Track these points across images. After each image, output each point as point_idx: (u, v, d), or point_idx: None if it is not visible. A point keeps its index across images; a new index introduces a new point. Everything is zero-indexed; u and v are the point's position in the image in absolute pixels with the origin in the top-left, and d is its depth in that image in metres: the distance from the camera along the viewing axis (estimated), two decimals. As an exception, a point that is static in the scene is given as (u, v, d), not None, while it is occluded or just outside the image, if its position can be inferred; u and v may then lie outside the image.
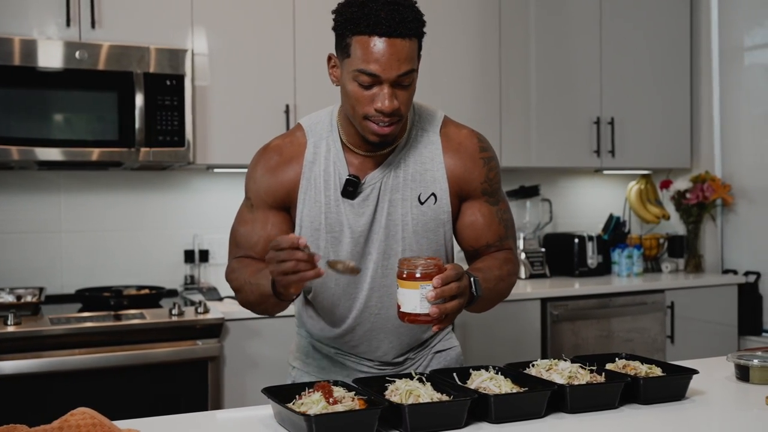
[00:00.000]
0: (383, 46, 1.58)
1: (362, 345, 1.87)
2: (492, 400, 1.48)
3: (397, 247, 1.77)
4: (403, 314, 1.53)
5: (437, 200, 1.78)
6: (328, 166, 1.77)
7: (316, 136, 1.79)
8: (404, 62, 1.60)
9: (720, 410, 1.64)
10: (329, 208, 1.76)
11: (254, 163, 1.85)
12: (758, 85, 4.35)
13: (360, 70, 1.61)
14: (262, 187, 1.80)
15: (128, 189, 3.56)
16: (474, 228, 1.83)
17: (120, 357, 2.86)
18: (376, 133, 1.66)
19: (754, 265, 4.33)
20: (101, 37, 3.13)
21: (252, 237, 1.81)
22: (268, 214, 1.80)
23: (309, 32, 3.51)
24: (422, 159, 1.78)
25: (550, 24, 4.08)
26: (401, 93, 1.64)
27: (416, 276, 1.50)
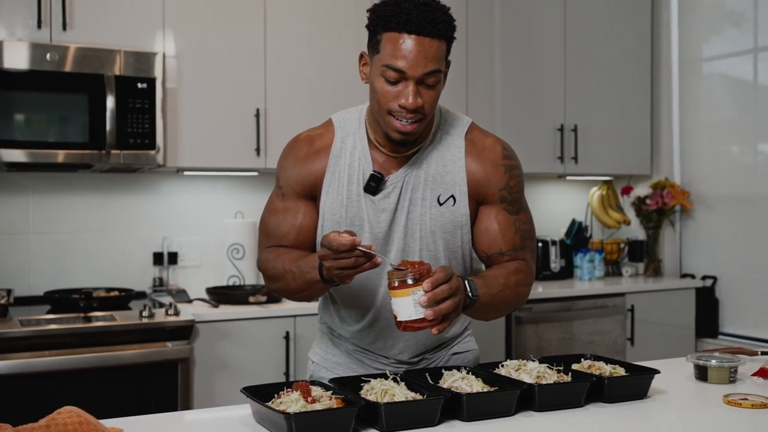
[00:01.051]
0: (411, 43, 1.63)
1: (379, 342, 1.91)
2: (464, 399, 1.54)
3: (415, 246, 1.81)
4: (400, 323, 1.55)
5: (456, 202, 1.81)
6: (353, 161, 1.82)
7: (344, 131, 1.85)
8: (431, 61, 1.65)
9: (680, 408, 1.72)
10: (350, 202, 1.81)
11: (285, 153, 1.90)
12: (715, 95, 4.49)
13: (387, 65, 1.66)
14: (292, 177, 1.85)
15: (97, 191, 3.56)
16: (488, 234, 1.83)
17: (90, 359, 2.87)
18: (399, 129, 1.70)
19: (711, 270, 4.46)
20: (72, 39, 3.14)
21: (283, 226, 1.86)
22: (299, 203, 1.85)
23: (280, 37, 3.54)
24: (444, 161, 1.82)
25: (516, 34, 4.16)
26: (426, 92, 1.68)
27: (407, 283, 1.52)
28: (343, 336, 1.97)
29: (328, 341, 2.02)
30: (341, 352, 1.99)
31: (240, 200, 3.81)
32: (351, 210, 1.81)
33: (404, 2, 1.66)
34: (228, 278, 3.68)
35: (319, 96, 3.62)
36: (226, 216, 3.77)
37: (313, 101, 3.61)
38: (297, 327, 3.28)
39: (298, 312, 3.28)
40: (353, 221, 1.80)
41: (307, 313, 3.26)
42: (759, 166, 4.26)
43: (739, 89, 4.37)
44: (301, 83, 3.59)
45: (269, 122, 3.52)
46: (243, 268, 3.65)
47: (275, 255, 1.83)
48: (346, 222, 1.81)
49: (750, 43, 4.28)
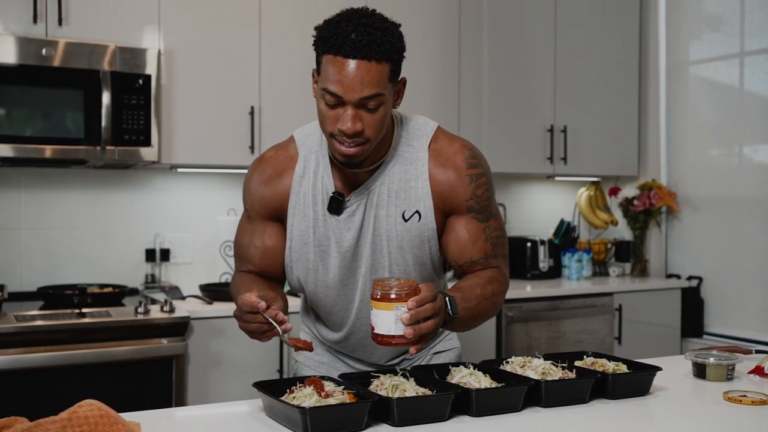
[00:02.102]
0: (347, 67, 1.57)
1: (357, 351, 1.94)
2: (474, 394, 1.56)
3: (384, 262, 1.80)
4: (377, 336, 1.53)
5: (421, 218, 1.78)
6: (316, 181, 1.79)
7: (306, 150, 1.82)
8: (368, 85, 1.58)
9: (682, 405, 1.75)
10: (317, 223, 1.79)
11: (249, 174, 1.88)
12: (702, 98, 4.55)
13: (325, 89, 1.61)
14: (256, 199, 1.84)
15: (90, 187, 3.55)
16: (457, 243, 1.80)
17: (85, 355, 2.86)
18: (342, 153, 1.65)
19: (697, 270, 4.52)
20: (68, 34, 3.13)
21: (250, 249, 1.87)
22: (264, 225, 1.85)
23: (275, 35, 3.55)
24: (407, 176, 1.78)
25: (506, 35, 4.20)
26: (367, 116, 1.62)
27: (391, 297, 1.50)
28: (326, 338, 1.99)
29: (311, 340, 2.02)
30: (324, 350, 2.01)
31: (233, 198, 3.81)
32: (318, 231, 1.80)
33: (345, 23, 1.60)
34: (220, 275, 3.69)
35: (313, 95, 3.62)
36: (218, 213, 3.78)
37: (308, 99, 3.58)
38: (291, 324, 3.28)
39: (291, 309, 3.27)
40: (321, 241, 1.80)
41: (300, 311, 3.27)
42: (744, 168, 4.32)
43: (726, 93, 4.43)
44: (295, 81, 3.59)
45: (264, 120, 3.52)
46: (236, 265, 3.65)
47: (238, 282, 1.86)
48: (314, 242, 1.80)
49: (736, 47, 4.35)
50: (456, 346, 2.07)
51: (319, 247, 1.80)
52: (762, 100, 4.24)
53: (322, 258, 1.81)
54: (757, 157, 4.30)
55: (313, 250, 1.81)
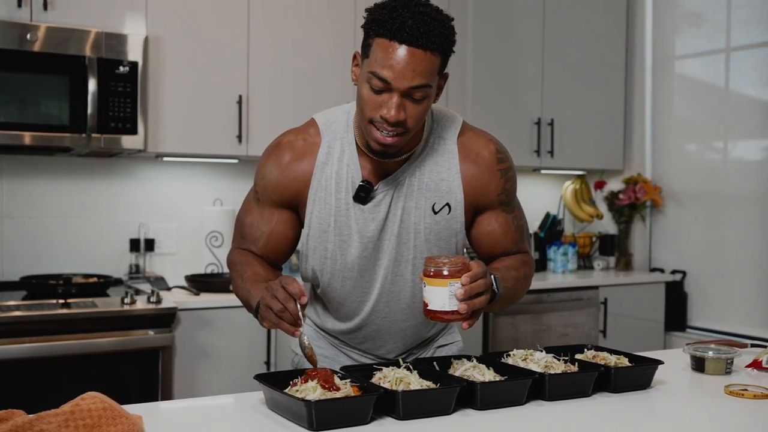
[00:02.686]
0: (401, 53, 1.54)
1: (367, 343, 1.90)
2: (479, 387, 1.54)
3: (408, 255, 1.77)
4: (431, 312, 1.54)
5: (451, 210, 1.76)
6: (341, 169, 1.74)
7: (330, 136, 1.76)
8: (419, 75, 1.55)
9: (684, 398, 1.75)
10: (339, 212, 1.74)
11: (265, 157, 1.81)
12: (687, 93, 4.57)
13: (374, 72, 1.57)
14: (270, 184, 1.78)
15: (73, 176, 3.49)
16: (492, 237, 1.82)
17: (70, 346, 2.82)
18: (378, 141, 1.62)
19: (680, 265, 4.54)
20: (53, 19, 3.07)
21: (255, 231, 1.82)
22: (274, 211, 1.80)
23: (264, 23, 3.51)
24: (438, 168, 1.75)
25: (494, 31, 4.18)
26: (411, 106, 1.59)
27: (444, 274, 1.51)
28: (330, 331, 1.95)
29: (313, 332, 1.98)
30: (327, 344, 1.96)
31: (219, 187, 3.77)
32: (339, 219, 1.75)
33: (402, 9, 1.56)
34: (206, 266, 3.64)
35: (302, 84, 3.60)
36: (204, 203, 3.73)
37: (297, 89, 3.58)
38: (278, 316, 3.26)
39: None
40: (342, 230, 1.75)
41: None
42: (729, 163, 4.35)
43: (711, 88, 4.44)
44: (284, 70, 3.55)
45: (252, 109, 3.48)
46: (221, 256, 3.61)
47: (243, 261, 1.80)
48: (335, 231, 1.75)
49: (722, 42, 4.36)
50: (458, 339, 2.05)
51: (339, 236, 1.75)
52: (747, 96, 4.27)
53: (341, 247, 1.76)
54: (742, 152, 4.32)
55: (333, 239, 1.75)
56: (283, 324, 1.53)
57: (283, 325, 1.53)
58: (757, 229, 4.18)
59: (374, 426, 1.44)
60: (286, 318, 1.52)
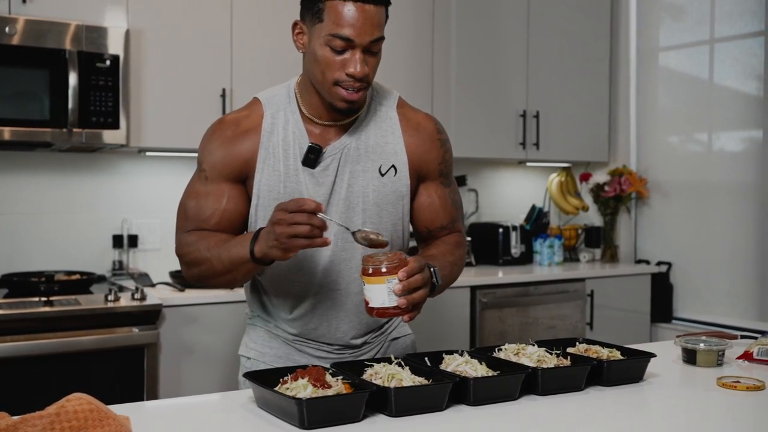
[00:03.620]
0: (357, 11, 1.63)
1: (322, 326, 1.85)
2: (471, 383, 1.52)
3: (357, 219, 1.78)
4: (372, 309, 1.56)
5: (397, 172, 1.81)
6: (287, 136, 1.77)
7: (273, 108, 1.80)
8: (376, 28, 1.65)
9: (677, 391, 1.74)
10: (288, 177, 1.76)
11: (209, 135, 1.81)
12: (672, 84, 4.57)
13: (334, 34, 1.64)
14: (217, 159, 1.77)
15: (55, 171, 3.43)
16: (431, 209, 1.88)
17: (53, 344, 2.77)
18: (345, 99, 1.68)
19: (666, 256, 4.55)
20: (33, 12, 3.01)
21: (205, 210, 1.77)
22: (223, 186, 1.77)
23: (246, 16, 3.47)
24: (382, 132, 1.82)
25: (478, 22, 4.16)
26: (370, 59, 1.68)
27: (382, 271, 1.53)
28: (280, 326, 1.90)
29: (263, 333, 1.93)
30: (280, 343, 1.90)
31: (202, 182, 3.72)
32: (289, 185, 1.76)
33: None
34: (190, 262, 3.59)
35: (285, 77, 3.54)
36: (188, 198, 3.68)
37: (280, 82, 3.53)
38: (265, 311, 3.23)
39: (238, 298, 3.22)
40: (292, 196, 1.74)
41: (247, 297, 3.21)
42: (713, 155, 4.35)
43: (695, 79, 4.45)
44: (267, 64, 3.52)
45: (235, 103, 3.44)
46: (206, 251, 3.57)
47: (197, 238, 1.76)
48: (284, 197, 1.74)
49: (706, 34, 4.36)
50: (410, 332, 2.05)
51: None
52: (730, 87, 4.27)
53: None
54: (725, 143, 4.33)
55: None
56: (316, 241, 1.53)
57: (317, 242, 1.53)
58: (741, 220, 4.19)
59: (366, 423, 1.42)
60: (317, 233, 1.52)
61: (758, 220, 4.11)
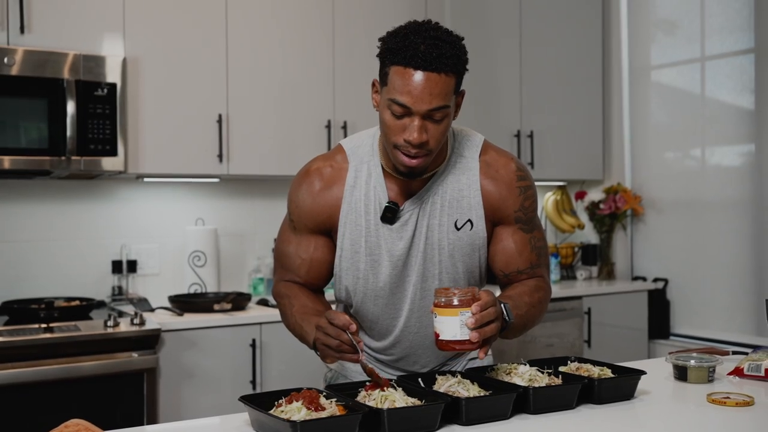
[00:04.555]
0: (417, 78, 1.61)
1: (402, 360, 1.95)
2: (464, 403, 1.55)
3: (434, 270, 1.83)
4: (443, 342, 1.58)
5: (473, 226, 1.82)
6: (368, 191, 1.81)
7: (357, 160, 1.84)
8: (436, 97, 1.63)
9: (667, 408, 1.75)
10: (369, 232, 1.82)
11: (296, 185, 1.89)
12: (664, 102, 4.61)
13: (393, 99, 1.64)
14: (304, 211, 1.86)
15: (54, 198, 3.47)
16: (505, 253, 1.86)
17: (53, 371, 2.80)
18: (404, 164, 1.69)
19: (662, 272, 4.57)
20: (30, 42, 3.06)
21: (296, 260, 1.90)
22: (310, 237, 1.87)
23: (242, 42, 3.51)
24: (459, 186, 1.82)
25: (471, 44, 4.21)
26: (432, 126, 1.66)
27: (454, 304, 1.55)
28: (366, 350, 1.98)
29: None
30: None
31: (201, 207, 3.76)
32: (370, 240, 1.82)
33: (413, 35, 1.63)
34: (189, 286, 3.63)
35: (282, 102, 3.60)
36: (186, 223, 3.72)
37: (276, 107, 3.59)
38: (263, 334, 3.25)
39: (263, 320, 3.25)
40: (372, 250, 1.82)
41: (272, 320, 3.23)
42: (707, 171, 4.39)
43: (687, 96, 4.49)
44: (263, 89, 3.56)
45: (231, 128, 3.48)
46: (205, 275, 3.61)
47: (289, 293, 1.88)
48: (366, 251, 1.82)
49: (697, 51, 4.41)
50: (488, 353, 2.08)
51: (370, 256, 1.82)
52: (723, 104, 4.31)
53: (372, 267, 1.83)
54: (719, 159, 4.36)
55: (364, 259, 1.83)
56: (345, 356, 1.61)
57: (345, 357, 1.61)
58: (736, 235, 4.21)
59: (360, 445, 1.44)
60: (345, 349, 1.60)
61: (753, 235, 4.14)
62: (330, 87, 3.69)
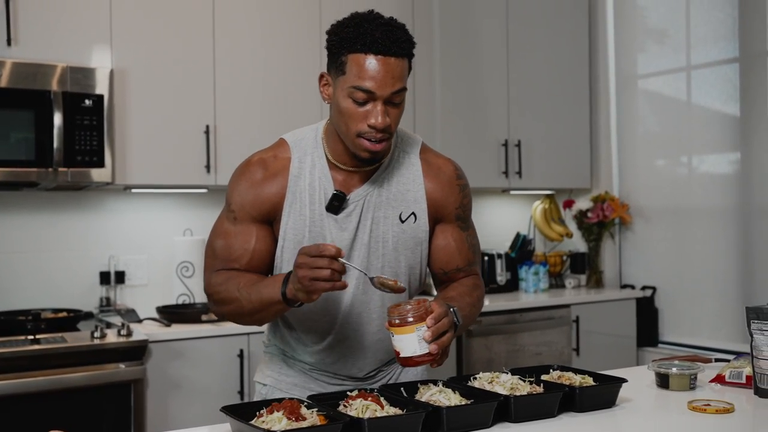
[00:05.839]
0: (378, 63, 1.66)
1: (339, 362, 1.92)
2: (444, 412, 1.55)
3: (378, 264, 1.84)
4: (404, 359, 1.60)
5: (417, 219, 1.86)
6: (313, 181, 1.82)
7: (300, 151, 1.84)
8: (397, 80, 1.68)
9: (648, 415, 1.77)
10: (313, 222, 1.81)
11: (237, 176, 1.87)
12: (651, 110, 4.65)
13: (355, 86, 1.67)
14: (247, 200, 1.82)
15: (42, 210, 3.47)
16: (446, 251, 1.91)
17: (40, 382, 2.80)
18: (368, 149, 1.72)
19: (650, 280, 4.59)
20: (17, 54, 3.07)
21: (235, 250, 1.83)
22: (252, 227, 1.83)
23: (229, 53, 3.53)
24: (404, 179, 1.86)
25: (459, 53, 4.23)
26: (392, 110, 1.71)
27: (409, 321, 1.58)
28: (298, 357, 1.96)
29: (280, 362, 2.00)
30: (296, 372, 1.97)
31: (189, 217, 3.77)
32: (314, 230, 1.81)
33: (366, 23, 1.68)
34: (177, 297, 3.63)
35: (269, 113, 3.61)
36: (174, 234, 3.72)
37: (264, 118, 3.60)
38: (251, 345, 3.25)
39: (251, 330, 3.25)
40: (316, 240, 1.81)
41: (260, 331, 3.23)
42: (693, 179, 4.42)
43: (673, 105, 4.52)
44: (251, 99, 3.57)
45: (219, 139, 3.49)
46: (193, 286, 3.61)
47: (227, 277, 1.80)
48: (309, 241, 1.80)
49: (683, 60, 4.44)
50: None
51: None
52: (708, 112, 4.34)
53: None
54: (705, 167, 4.39)
55: None
56: (336, 284, 1.57)
57: (337, 285, 1.58)
58: (723, 242, 4.24)
59: (341, 454, 1.45)
60: (337, 277, 1.57)
61: (740, 242, 4.16)
62: (317, 98, 3.70)
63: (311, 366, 1.95)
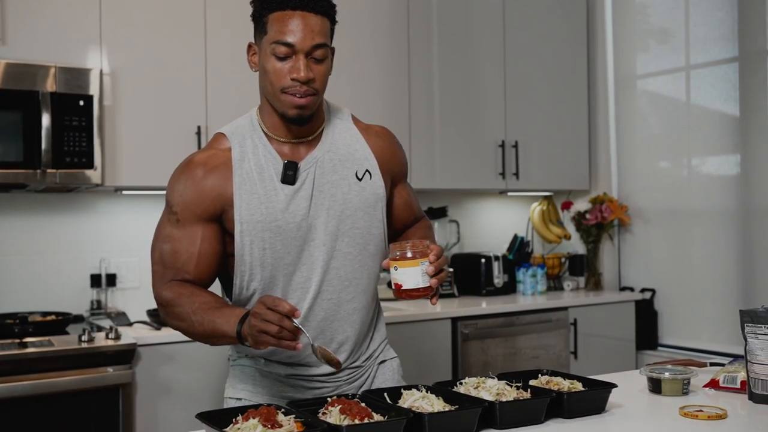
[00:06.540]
0: (297, 18, 1.71)
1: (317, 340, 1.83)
2: (426, 419, 1.51)
3: (344, 227, 1.83)
4: (406, 291, 1.68)
5: (372, 176, 1.89)
6: (258, 160, 1.80)
7: (238, 138, 1.83)
8: (317, 34, 1.73)
9: (639, 421, 1.72)
10: (268, 198, 1.78)
11: (177, 176, 1.82)
12: (650, 111, 4.60)
13: (276, 41, 1.72)
14: (189, 200, 1.77)
15: (31, 212, 3.43)
16: (407, 208, 2.04)
17: (27, 386, 2.75)
18: (294, 104, 1.74)
19: (650, 283, 4.54)
20: (6, 55, 3.03)
21: (181, 256, 1.77)
22: (196, 228, 1.77)
23: (221, 54, 3.49)
24: (348, 141, 1.90)
25: (456, 53, 4.19)
26: (315, 66, 1.74)
27: (413, 256, 1.68)
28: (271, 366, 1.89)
29: (252, 373, 1.92)
30: (271, 381, 1.90)
31: (181, 219, 3.72)
32: (270, 205, 1.77)
33: None
34: (169, 300, 3.58)
35: (261, 113, 3.57)
36: (166, 236, 3.68)
37: (256, 118, 3.55)
38: (242, 348, 3.21)
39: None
40: (275, 216, 1.77)
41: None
42: (693, 180, 4.37)
43: (672, 105, 4.47)
44: (242, 100, 3.52)
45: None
46: (185, 289, 3.56)
47: (179, 293, 1.75)
48: (267, 218, 1.76)
49: (682, 61, 4.40)
50: (395, 355, 2.07)
51: (273, 222, 1.77)
52: (708, 113, 4.29)
53: (277, 233, 1.78)
54: (705, 168, 4.34)
55: (268, 226, 1.77)
56: (283, 342, 1.55)
57: (283, 344, 1.55)
58: (722, 244, 4.19)
59: (318, 463, 1.40)
60: (286, 336, 1.54)
61: (739, 244, 4.11)
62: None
63: (286, 366, 1.88)
